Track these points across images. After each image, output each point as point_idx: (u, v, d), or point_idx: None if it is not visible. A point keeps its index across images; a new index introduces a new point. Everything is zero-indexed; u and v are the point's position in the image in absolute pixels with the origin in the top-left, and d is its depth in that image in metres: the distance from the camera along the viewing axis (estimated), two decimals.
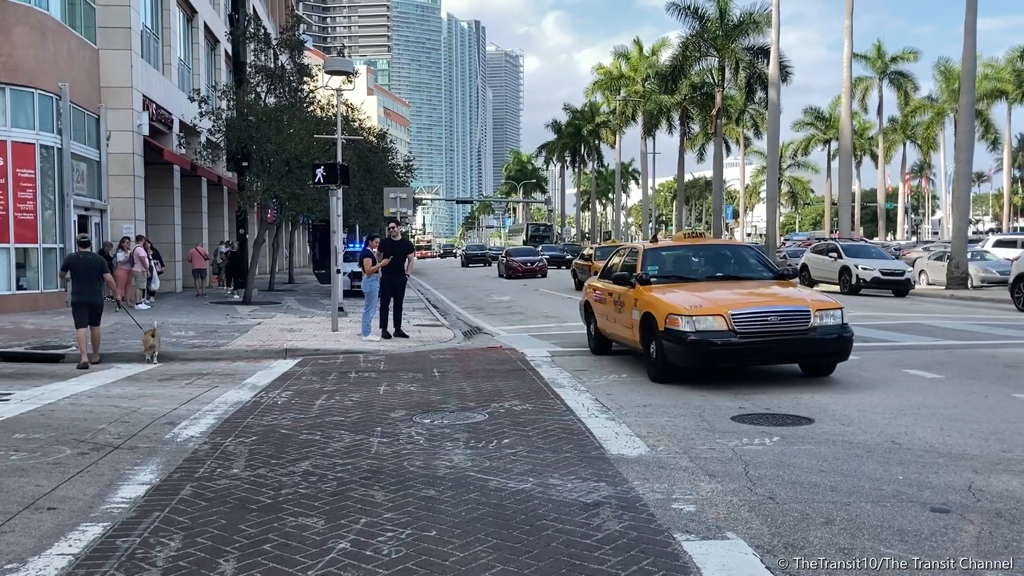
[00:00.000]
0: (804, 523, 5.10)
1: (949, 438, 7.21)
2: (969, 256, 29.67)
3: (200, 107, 24.36)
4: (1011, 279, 22.91)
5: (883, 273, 26.99)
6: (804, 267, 30.44)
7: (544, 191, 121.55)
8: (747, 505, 5.45)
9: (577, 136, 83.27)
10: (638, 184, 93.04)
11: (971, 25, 29.81)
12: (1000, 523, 5.06)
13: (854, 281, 27.21)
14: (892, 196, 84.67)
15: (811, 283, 28.60)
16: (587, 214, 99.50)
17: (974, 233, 58.47)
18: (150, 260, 22.63)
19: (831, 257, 28.67)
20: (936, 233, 74.96)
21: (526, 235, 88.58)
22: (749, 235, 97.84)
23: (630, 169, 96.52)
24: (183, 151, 29.99)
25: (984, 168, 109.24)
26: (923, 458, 6.57)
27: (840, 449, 6.89)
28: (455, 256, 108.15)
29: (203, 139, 27.73)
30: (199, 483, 6.21)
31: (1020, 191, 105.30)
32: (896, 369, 11.05)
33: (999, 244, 35.87)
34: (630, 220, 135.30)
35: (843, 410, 8.43)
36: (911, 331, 15.61)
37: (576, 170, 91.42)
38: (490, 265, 67.22)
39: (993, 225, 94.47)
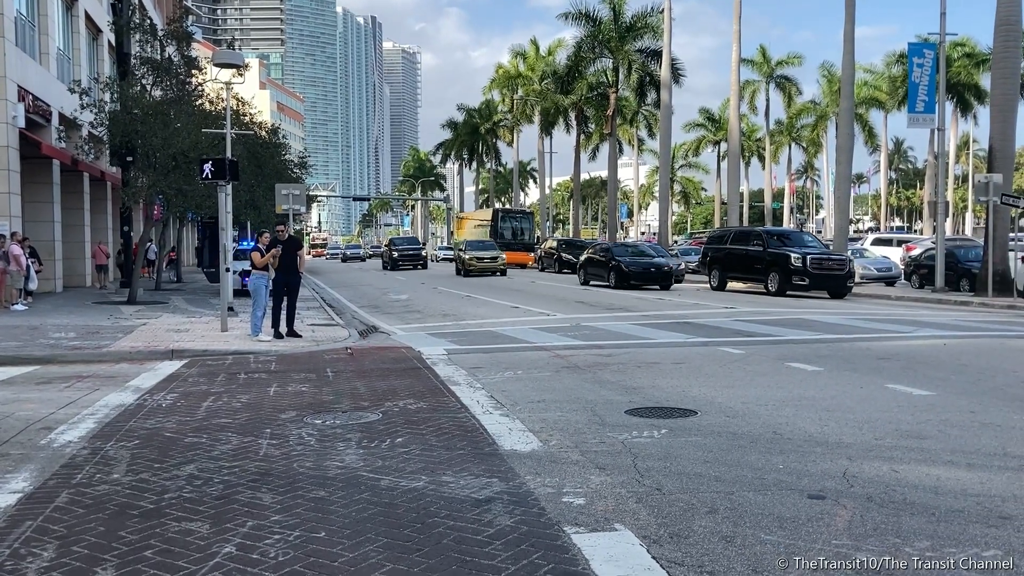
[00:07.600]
0: (689, 513, 5.24)
1: (827, 428, 7.53)
2: (849, 253, 30.91)
3: (81, 99, 23.31)
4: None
5: None
6: None
7: (443, 189, 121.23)
8: (635, 497, 5.57)
9: (475, 134, 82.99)
10: (536, 183, 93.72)
11: (850, 34, 31.17)
12: (871, 507, 5.31)
13: None
14: (778, 196, 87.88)
15: None
16: None
17: (854, 232, 61.28)
18: (27, 259, 21.54)
19: None
20: (820, 232, 78.06)
21: (493, 228, 56.45)
22: (643, 233, 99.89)
23: (528, 168, 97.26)
24: (63, 145, 28.64)
25: (864, 170, 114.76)
26: (802, 447, 6.84)
27: (725, 440, 7.11)
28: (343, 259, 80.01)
29: (85, 133, 26.56)
30: (76, 490, 5.95)
31: (895, 192, 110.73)
32: (779, 362, 11.48)
33: (877, 242, 37.84)
34: None
35: (728, 402, 8.70)
36: (794, 326, 16.22)
37: (474, 168, 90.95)
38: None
39: (872, 224, 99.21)
